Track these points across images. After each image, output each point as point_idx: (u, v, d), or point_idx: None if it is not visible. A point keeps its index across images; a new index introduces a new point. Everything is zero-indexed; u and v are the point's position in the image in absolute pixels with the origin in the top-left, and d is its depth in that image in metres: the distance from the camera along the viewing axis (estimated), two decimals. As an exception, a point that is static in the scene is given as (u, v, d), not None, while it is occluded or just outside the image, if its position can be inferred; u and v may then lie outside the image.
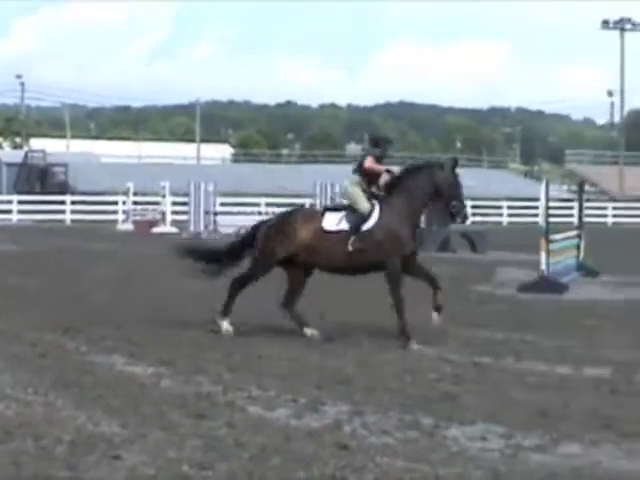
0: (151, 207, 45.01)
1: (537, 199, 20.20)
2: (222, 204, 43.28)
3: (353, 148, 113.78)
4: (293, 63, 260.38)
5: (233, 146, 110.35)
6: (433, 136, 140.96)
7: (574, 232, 22.15)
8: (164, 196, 42.40)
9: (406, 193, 12.34)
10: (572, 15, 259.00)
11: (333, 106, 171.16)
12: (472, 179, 64.11)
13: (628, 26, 74.46)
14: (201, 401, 8.64)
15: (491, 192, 61.13)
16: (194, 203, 39.82)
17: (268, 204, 46.33)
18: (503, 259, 25.39)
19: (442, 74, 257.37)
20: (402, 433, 7.62)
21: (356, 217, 12.34)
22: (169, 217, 42.17)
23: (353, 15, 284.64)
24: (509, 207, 56.10)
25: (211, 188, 40.56)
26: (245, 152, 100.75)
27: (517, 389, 9.38)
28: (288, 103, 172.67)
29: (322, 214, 12.75)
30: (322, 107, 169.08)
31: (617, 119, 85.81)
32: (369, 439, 7.44)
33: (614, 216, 57.94)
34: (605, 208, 58.89)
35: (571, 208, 42.02)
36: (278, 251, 12.56)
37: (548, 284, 18.01)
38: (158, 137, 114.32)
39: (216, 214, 40.75)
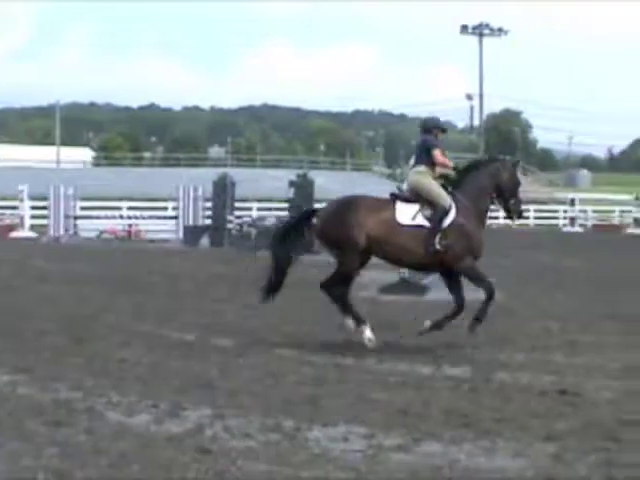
0: (9, 211, 43.98)
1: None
2: (82, 208, 42.55)
3: (216, 151, 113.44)
4: (156, 65, 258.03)
5: (94, 149, 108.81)
6: (296, 139, 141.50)
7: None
8: (22, 200, 41.46)
9: (472, 190, 12.13)
10: (433, 19, 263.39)
11: (196, 109, 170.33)
12: (336, 182, 64.75)
13: (486, 31, 76.09)
14: (59, 408, 8.45)
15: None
16: (54, 207, 39.09)
17: (130, 208, 45.76)
18: (365, 261, 25.55)
19: (306, 77, 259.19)
20: (264, 436, 7.59)
21: (436, 213, 11.83)
22: (28, 221, 41.25)
23: (216, 17, 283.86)
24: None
25: (71, 192, 39.87)
26: (106, 155, 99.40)
27: (378, 389, 9.44)
28: (151, 105, 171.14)
29: (392, 203, 12.01)
30: (185, 109, 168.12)
31: (476, 123, 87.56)
32: (231, 443, 7.39)
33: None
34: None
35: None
36: (359, 238, 11.74)
37: (409, 285, 18.20)
38: (16, 140, 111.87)
39: (76, 218, 40.10)
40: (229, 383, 9.65)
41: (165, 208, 43.63)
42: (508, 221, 12.76)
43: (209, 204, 36.58)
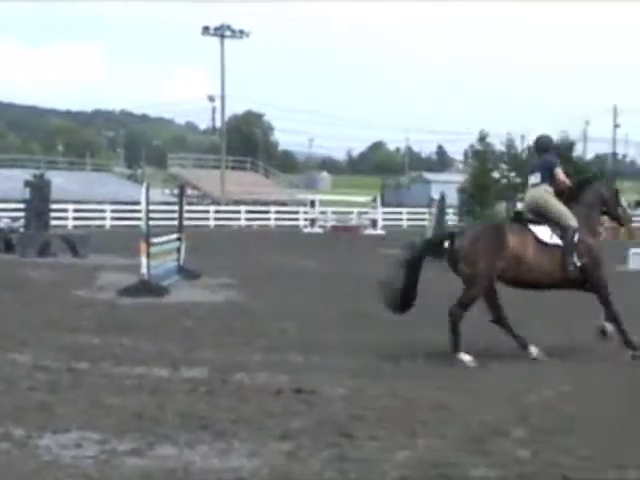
0: None
1: (139, 202, 20.19)
2: None
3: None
4: None
5: None
6: (33, 138, 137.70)
7: (175, 235, 22.37)
8: None
9: (584, 206, 12.50)
10: (175, 20, 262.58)
11: None
12: (75, 182, 63.44)
13: (228, 33, 76.26)
14: None
15: (94, 195, 60.62)
16: None
17: None
18: (104, 263, 25.20)
19: (44, 75, 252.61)
20: (-9, 446, 7.32)
21: (568, 232, 12.11)
22: None
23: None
24: (112, 210, 55.72)
25: None
26: None
27: (114, 394, 9.29)
28: None
29: (525, 226, 12.24)
30: None
31: (218, 124, 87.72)
32: (-44, 454, 7.09)
33: (216, 219, 59.11)
34: (207, 211, 60.01)
35: (174, 211, 42.48)
36: (497, 264, 11.85)
37: (148, 287, 18.07)
38: None
39: None
40: (-43, 392, 9.26)
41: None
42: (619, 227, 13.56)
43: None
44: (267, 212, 62.36)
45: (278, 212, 62.78)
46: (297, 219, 60.43)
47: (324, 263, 27.88)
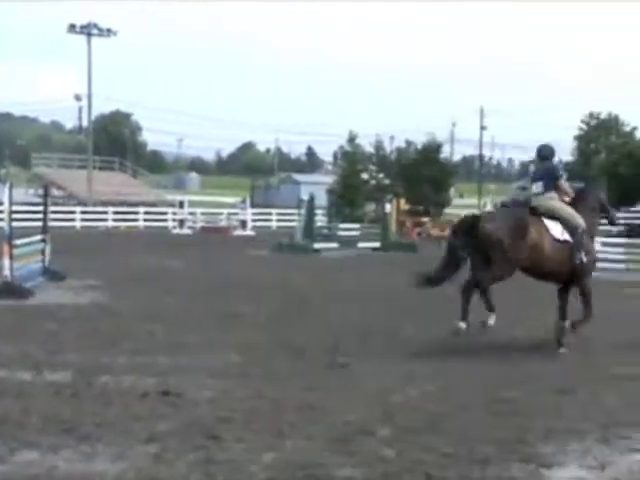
0: None
1: (2, 203, 19.77)
2: None
3: None
4: None
5: None
6: None
7: (39, 236, 21.97)
8: None
9: (588, 211, 13.20)
10: (41, 16, 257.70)
11: None
12: None
13: (95, 31, 75.29)
14: None
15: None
16: None
17: None
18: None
19: None
20: None
21: (577, 230, 12.79)
22: None
23: None
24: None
25: None
26: None
27: (-27, 399, 9.09)
28: None
29: (541, 219, 12.79)
30: None
31: (85, 123, 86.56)
32: None
33: (83, 220, 58.22)
34: (74, 212, 59.06)
35: (38, 212, 41.68)
36: (522, 252, 12.37)
37: (11, 289, 17.70)
38: None
39: None
40: None
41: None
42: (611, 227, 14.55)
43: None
44: (135, 213, 61.62)
45: (147, 213, 62.05)
46: (166, 220, 59.85)
47: (193, 264, 27.75)
